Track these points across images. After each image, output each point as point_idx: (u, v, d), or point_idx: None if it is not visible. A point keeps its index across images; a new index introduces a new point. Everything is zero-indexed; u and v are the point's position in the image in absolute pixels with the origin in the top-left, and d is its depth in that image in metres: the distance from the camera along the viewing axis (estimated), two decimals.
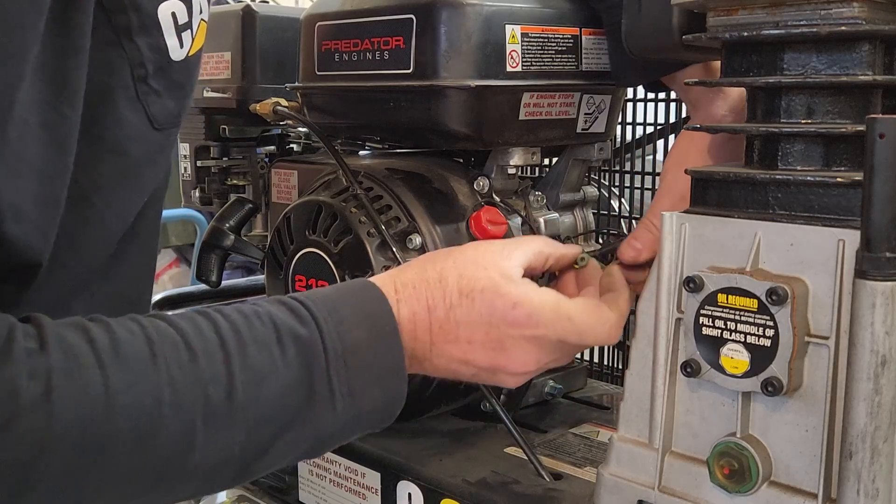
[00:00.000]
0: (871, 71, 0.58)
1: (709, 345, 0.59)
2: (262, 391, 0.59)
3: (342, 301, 0.65)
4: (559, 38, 0.85)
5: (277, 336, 0.61)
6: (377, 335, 0.64)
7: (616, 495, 0.66)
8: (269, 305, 0.63)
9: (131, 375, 0.55)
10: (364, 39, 0.85)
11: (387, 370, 0.64)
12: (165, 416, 0.55)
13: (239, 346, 0.59)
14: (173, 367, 0.57)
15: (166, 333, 0.58)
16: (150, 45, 0.62)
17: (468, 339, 0.67)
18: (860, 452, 0.53)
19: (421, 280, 0.68)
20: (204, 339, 0.59)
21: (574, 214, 0.96)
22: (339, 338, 0.62)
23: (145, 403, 0.55)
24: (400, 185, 0.85)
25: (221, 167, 1.09)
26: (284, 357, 0.60)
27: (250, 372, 0.59)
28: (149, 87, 0.63)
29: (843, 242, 0.55)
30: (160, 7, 0.62)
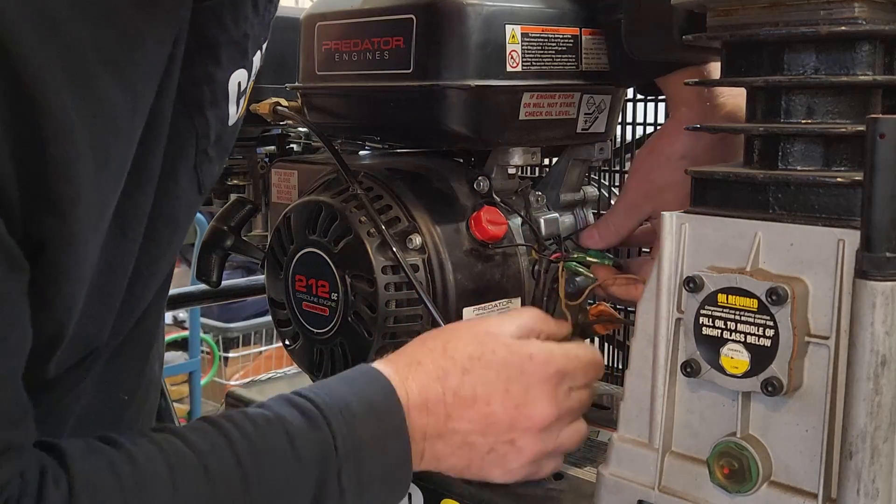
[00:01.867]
0: (871, 71, 0.58)
1: (709, 345, 0.59)
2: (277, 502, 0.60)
3: (352, 396, 0.65)
4: (559, 38, 0.85)
5: (291, 445, 0.61)
6: (385, 432, 0.65)
7: (616, 495, 0.66)
8: (280, 408, 0.63)
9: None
10: (364, 39, 0.85)
11: (394, 466, 0.66)
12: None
13: (255, 465, 0.60)
14: (191, 498, 0.57)
15: (185, 458, 0.58)
16: (217, 117, 0.61)
17: (486, 401, 0.68)
18: (860, 452, 0.53)
19: (426, 353, 0.69)
20: (220, 459, 0.59)
21: (574, 214, 0.96)
22: (349, 435, 0.63)
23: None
24: (400, 185, 0.85)
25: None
26: (300, 466, 0.61)
27: (265, 486, 0.59)
28: (206, 155, 0.61)
29: (843, 242, 0.55)
30: (231, 78, 0.60)
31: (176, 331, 3.28)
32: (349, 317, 0.82)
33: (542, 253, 0.87)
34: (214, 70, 0.58)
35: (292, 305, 0.88)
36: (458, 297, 0.82)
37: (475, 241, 0.84)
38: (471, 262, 0.84)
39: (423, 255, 0.82)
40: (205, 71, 0.58)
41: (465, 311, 0.83)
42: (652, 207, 0.84)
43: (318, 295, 0.85)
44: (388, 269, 0.80)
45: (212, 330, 3.21)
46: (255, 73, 0.65)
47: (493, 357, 0.68)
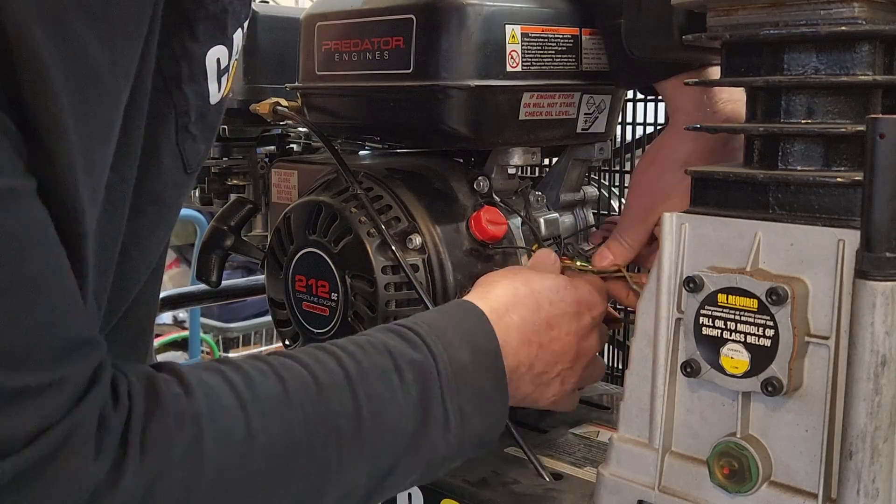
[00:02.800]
0: (871, 71, 0.58)
1: (709, 345, 0.59)
2: (385, 419, 0.61)
3: (446, 323, 0.69)
4: (559, 38, 0.85)
5: (395, 363, 0.63)
6: (482, 355, 0.68)
7: (616, 495, 0.66)
8: (380, 334, 0.66)
9: (269, 416, 0.56)
10: (364, 39, 0.85)
11: (491, 389, 0.68)
12: (300, 454, 0.57)
13: (361, 377, 0.61)
14: (306, 404, 0.58)
15: (294, 370, 0.60)
16: (196, 93, 0.61)
17: (567, 330, 0.75)
18: (860, 452, 0.53)
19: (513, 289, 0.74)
20: (329, 372, 0.61)
21: (574, 214, 0.96)
22: (449, 361, 0.65)
23: (281, 443, 0.56)
24: (400, 185, 0.85)
25: (221, 167, 1.09)
26: (403, 382, 0.63)
27: (374, 401, 0.61)
28: (189, 133, 0.62)
29: (843, 242, 0.55)
30: (208, 54, 0.60)
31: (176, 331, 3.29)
32: (349, 317, 0.82)
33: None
34: (191, 45, 0.58)
35: (292, 305, 0.88)
36: (458, 297, 0.82)
37: (475, 241, 0.84)
38: (471, 262, 0.84)
39: (423, 255, 0.82)
40: (182, 46, 0.58)
41: None
42: (657, 218, 0.83)
43: (318, 295, 0.85)
44: (388, 269, 0.80)
45: (212, 330, 3.21)
46: (237, 52, 0.65)
47: (570, 292, 0.77)
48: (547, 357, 0.73)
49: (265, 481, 0.55)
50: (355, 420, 0.60)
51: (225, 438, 0.54)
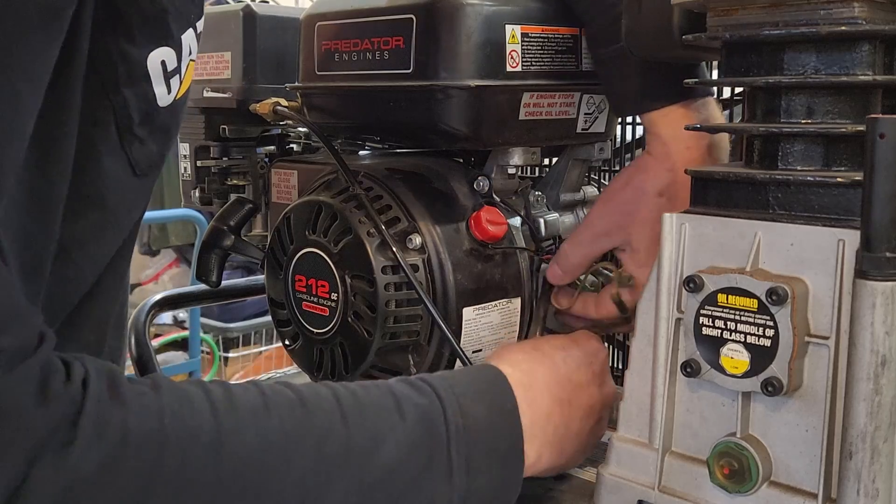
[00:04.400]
0: (871, 71, 0.58)
1: (709, 345, 0.59)
2: (380, 454, 0.58)
3: (461, 376, 0.66)
4: (559, 38, 0.85)
5: (396, 403, 0.60)
6: (498, 412, 0.65)
7: (616, 495, 0.66)
8: (390, 381, 0.63)
9: (243, 424, 0.53)
10: (364, 39, 0.85)
11: (506, 450, 0.64)
12: (276, 469, 0.53)
13: (356, 408, 0.58)
14: (287, 419, 0.55)
15: (280, 391, 0.57)
16: (137, 95, 0.59)
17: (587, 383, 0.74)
18: (860, 452, 0.53)
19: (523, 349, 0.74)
20: (319, 397, 0.58)
21: (574, 214, 0.96)
22: (460, 411, 0.62)
23: (255, 454, 0.53)
24: (400, 185, 0.85)
25: (221, 167, 1.09)
26: (404, 423, 0.59)
27: (368, 433, 0.58)
28: (134, 135, 0.60)
29: (843, 242, 0.55)
30: (149, 57, 0.59)
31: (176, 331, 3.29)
32: (349, 317, 0.82)
33: (537, 254, 0.88)
34: (128, 47, 0.57)
35: (292, 305, 0.88)
36: (458, 297, 0.82)
37: (475, 241, 0.84)
38: (471, 262, 0.84)
39: (422, 255, 0.82)
40: (118, 48, 0.57)
41: (465, 311, 0.83)
42: (620, 239, 0.83)
43: (318, 295, 0.85)
44: (387, 269, 0.80)
45: (212, 330, 3.21)
46: (191, 53, 0.63)
47: (573, 343, 0.76)
48: (578, 413, 0.72)
49: (232, 492, 0.52)
50: (343, 448, 0.56)
51: (189, 438, 0.51)
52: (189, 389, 0.53)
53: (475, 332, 0.84)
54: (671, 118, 0.79)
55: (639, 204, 0.80)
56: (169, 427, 0.50)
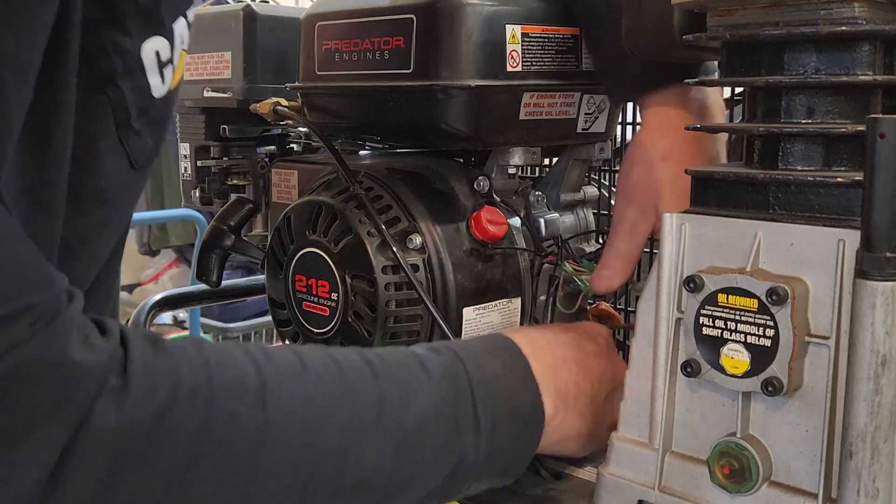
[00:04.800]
0: (872, 71, 0.58)
1: (709, 345, 0.59)
2: (411, 406, 0.59)
3: (471, 341, 0.69)
4: (559, 38, 0.85)
5: (420, 362, 0.62)
6: (512, 368, 0.66)
7: (616, 495, 0.66)
8: (402, 347, 0.64)
9: (283, 376, 0.54)
10: (364, 39, 0.85)
11: (525, 404, 0.66)
12: (317, 418, 0.55)
13: (384, 366, 0.60)
14: (323, 374, 0.56)
15: (311, 350, 0.58)
16: (133, 88, 0.59)
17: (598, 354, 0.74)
18: (860, 452, 0.53)
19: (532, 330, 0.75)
20: (348, 356, 0.59)
21: (574, 214, 0.96)
22: (479, 368, 0.64)
23: (297, 403, 0.54)
24: (400, 185, 0.85)
25: (221, 167, 1.09)
26: (430, 378, 0.61)
27: (398, 388, 0.59)
28: (131, 128, 0.60)
29: (843, 242, 0.55)
30: (143, 47, 0.58)
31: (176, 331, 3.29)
32: (349, 317, 0.82)
33: (538, 255, 0.88)
34: (123, 39, 0.57)
35: (292, 305, 0.88)
36: (458, 297, 0.82)
37: (475, 241, 0.84)
38: (471, 262, 0.84)
39: (423, 255, 0.82)
40: (111, 40, 0.57)
41: (465, 311, 0.83)
42: (653, 217, 0.81)
43: (318, 295, 0.85)
44: (388, 269, 0.80)
45: (212, 330, 3.21)
46: (183, 43, 0.63)
47: (569, 328, 0.77)
48: (591, 375, 0.72)
49: (280, 439, 0.52)
50: (377, 399, 0.57)
51: (237, 387, 0.51)
52: (227, 346, 0.55)
53: (475, 332, 0.84)
54: (664, 95, 0.80)
55: (651, 176, 0.80)
56: (216, 378, 0.51)
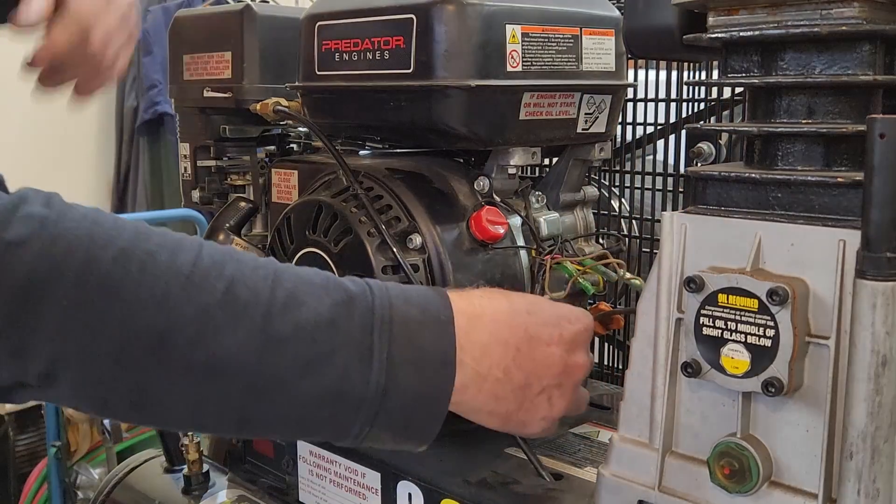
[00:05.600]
0: (872, 71, 0.58)
1: (709, 345, 0.59)
2: (298, 313, 0.58)
3: (403, 286, 0.65)
4: (559, 38, 0.85)
5: (325, 283, 0.61)
6: (431, 319, 0.63)
7: (616, 495, 0.66)
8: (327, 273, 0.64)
9: (166, 249, 0.57)
10: (364, 39, 0.85)
11: (434, 355, 0.62)
12: (190, 292, 0.56)
13: (290, 276, 0.60)
14: (206, 257, 0.58)
15: (224, 248, 0.60)
16: None
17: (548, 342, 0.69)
18: (861, 453, 0.53)
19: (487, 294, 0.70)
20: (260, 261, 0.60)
21: (574, 214, 0.96)
22: (389, 305, 0.61)
23: (169, 270, 0.56)
24: (400, 185, 0.85)
25: (221, 167, 1.09)
26: (329, 297, 0.60)
27: (286, 294, 0.58)
28: None
29: (843, 242, 0.55)
30: None
31: None
32: None
33: (539, 254, 0.88)
34: None
35: None
36: None
37: (475, 240, 0.84)
38: (471, 262, 0.84)
39: (423, 255, 0.82)
40: None
41: None
42: None
43: None
44: (388, 269, 0.80)
45: None
46: None
47: (548, 306, 0.72)
48: (528, 366, 0.67)
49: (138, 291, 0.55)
50: (253, 295, 0.57)
51: (109, 240, 0.55)
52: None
53: None
54: None
55: None
56: (93, 230, 0.55)
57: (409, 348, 0.61)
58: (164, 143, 3.78)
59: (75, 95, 0.76)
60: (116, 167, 4.06)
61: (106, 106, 4.07)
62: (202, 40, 1.08)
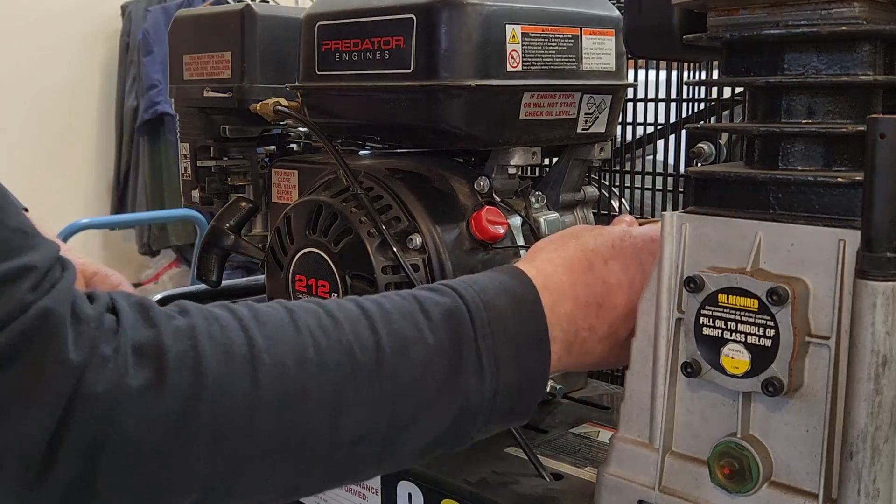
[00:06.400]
0: (872, 71, 0.58)
1: (709, 345, 0.59)
2: (410, 355, 0.58)
3: (479, 276, 0.65)
4: (560, 38, 0.85)
5: (420, 306, 0.60)
6: (520, 303, 0.63)
7: (616, 495, 0.66)
8: (405, 290, 0.63)
9: (274, 338, 0.54)
10: (364, 39, 0.85)
11: (532, 339, 0.63)
12: (310, 377, 0.54)
13: (382, 314, 0.59)
14: (316, 331, 0.56)
15: (305, 306, 0.58)
16: None
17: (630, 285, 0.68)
18: (861, 453, 0.53)
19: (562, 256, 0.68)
20: (344, 309, 0.58)
21: (574, 214, 0.96)
22: (483, 306, 0.61)
23: (289, 364, 0.54)
24: (400, 185, 0.85)
25: (221, 167, 1.09)
26: (430, 323, 0.59)
27: (396, 336, 0.58)
28: None
29: (843, 242, 0.55)
30: None
31: None
32: None
33: None
34: None
35: None
36: None
37: (475, 240, 0.84)
38: (471, 262, 0.84)
39: (423, 255, 0.82)
40: None
41: None
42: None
43: (318, 295, 0.85)
44: (388, 269, 0.80)
45: None
46: None
47: (625, 244, 0.70)
48: (611, 317, 0.68)
49: (272, 401, 0.53)
50: (374, 352, 0.57)
51: (225, 353, 0.52)
52: (215, 310, 0.55)
53: None
54: None
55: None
56: (203, 344, 0.51)
57: (509, 345, 0.62)
58: (164, 143, 3.78)
59: None
60: (116, 167, 4.06)
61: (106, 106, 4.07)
62: (202, 40, 1.08)
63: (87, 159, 4.07)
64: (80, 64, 4.00)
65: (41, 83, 3.82)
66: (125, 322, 0.50)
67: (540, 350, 0.64)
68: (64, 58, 3.92)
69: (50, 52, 3.82)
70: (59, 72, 3.90)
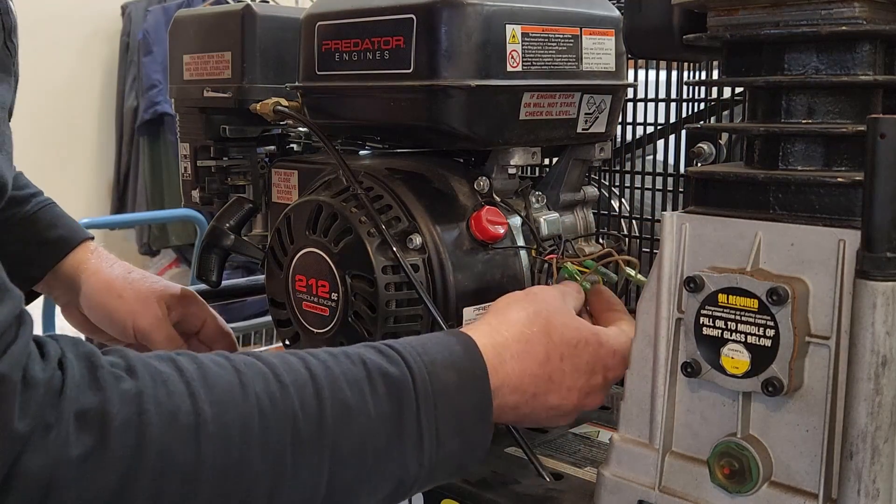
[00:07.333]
0: (872, 71, 0.58)
1: (709, 345, 0.59)
2: (352, 426, 0.59)
3: (433, 345, 0.66)
4: (560, 38, 0.85)
5: (367, 374, 0.61)
6: (466, 377, 0.65)
7: (616, 495, 0.66)
8: (359, 348, 0.63)
9: (221, 404, 0.54)
10: (364, 39, 0.85)
11: (474, 416, 0.65)
12: (253, 448, 0.55)
13: (329, 381, 0.59)
14: (263, 397, 0.56)
15: (254, 366, 0.58)
16: None
17: (569, 387, 0.71)
18: (861, 452, 0.53)
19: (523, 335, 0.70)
20: (293, 372, 0.59)
21: (574, 214, 0.95)
22: (429, 378, 0.63)
23: (234, 434, 0.54)
24: (400, 185, 0.85)
25: (221, 167, 1.09)
26: (375, 394, 0.60)
27: (340, 405, 0.59)
28: None
29: (843, 242, 0.55)
30: None
31: None
32: (349, 317, 0.82)
33: (539, 254, 0.88)
34: None
35: (292, 305, 0.88)
36: (458, 297, 0.82)
37: (475, 240, 0.84)
38: (471, 262, 0.84)
39: (423, 254, 0.82)
40: None
41: (466, 310, 0.83)
42: None
43: (318, 295, 0.85)
44: (388, 269, 0.80)
45: None
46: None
47: (586, 351, 0.71)
48: (539, 408, 0.70)
49: (214, 470, 0.53)
50: (317, 423, 0.57)
51: (170, 421, 0.52)
52: (164, 371, 0.54)
53: None
54: None
55: None
56: (149, 412, 0.51)
57: (453, 418, 0.63)
58: (164, 143, 3.78)
59: None
60: (116, 167, 4.06)
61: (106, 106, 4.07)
62: (202, 40, 1.08)
63: (87, 159, 4.07)
64: (80, 64, 4.00)
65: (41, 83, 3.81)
66: (70, 381, 0.50)
67: (483, 422, 0.65)
68: (64, 58, 3.92)
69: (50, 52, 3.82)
70: (59, 72, 3.89)
